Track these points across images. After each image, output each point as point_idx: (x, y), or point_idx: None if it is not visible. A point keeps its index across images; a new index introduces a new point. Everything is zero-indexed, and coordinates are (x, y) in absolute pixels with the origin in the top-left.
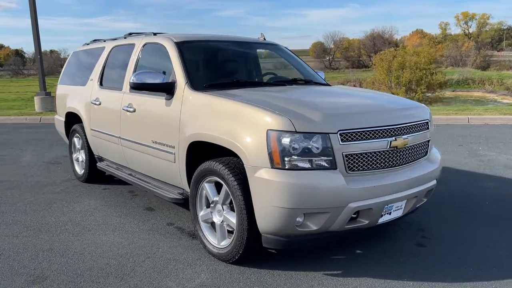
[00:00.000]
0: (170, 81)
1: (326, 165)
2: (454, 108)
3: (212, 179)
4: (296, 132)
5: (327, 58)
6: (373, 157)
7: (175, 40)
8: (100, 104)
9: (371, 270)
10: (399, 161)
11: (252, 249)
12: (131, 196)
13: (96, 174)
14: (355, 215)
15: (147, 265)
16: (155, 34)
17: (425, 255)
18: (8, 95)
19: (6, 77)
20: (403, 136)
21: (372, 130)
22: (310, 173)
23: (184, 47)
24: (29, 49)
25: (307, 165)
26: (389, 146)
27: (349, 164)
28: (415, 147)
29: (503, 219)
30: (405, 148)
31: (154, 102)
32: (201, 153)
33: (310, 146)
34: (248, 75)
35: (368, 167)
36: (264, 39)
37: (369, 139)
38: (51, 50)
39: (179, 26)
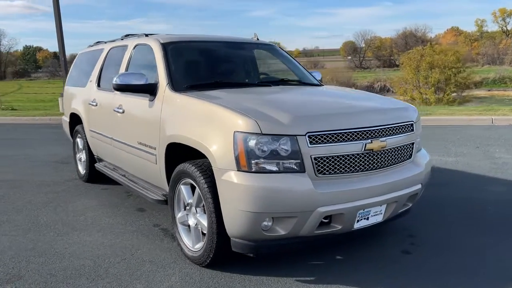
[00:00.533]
0: (153, 82)
1: (294, 168)
2: (479, 108)
3: (187, 181)
4: (262, 134)
5: (358, 57)
6: (346, 160)
7: (161, 41)
8: (96, 105)
9: (348, 277)
10: (375, 164)
11: (222, 253)
12: (126, 196)
13: (96, 174)
14: (326, 220)
15: (121, 267)
16: (147, 35)
17: (409, 262)
18: (45, 96)
19: (44, 79)
20: (381, 139)
21: (343, 132)
22: (276, 176)
23: (170, 48)
24: (66, 51)
25: (275, 168)
26: (364, 149)
27: (319, 167)
28: (395, 150)
29: (501, 226)
30: (382, 151)
31: (139, 103)
32: (180, 154)
33: (277, 149)
34: (233, 76)
35: (341, 171)
36: (257, 39)
37: (340, 141)
38: None
39: (209, 27)
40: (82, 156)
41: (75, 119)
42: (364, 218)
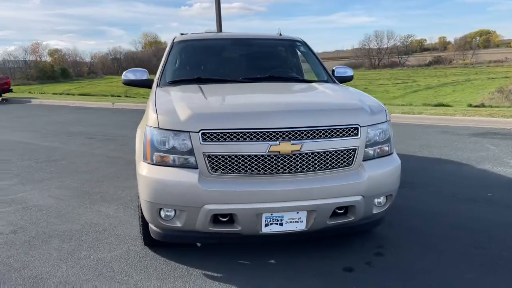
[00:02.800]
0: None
1: (188, 163)
2: None
3: None
4: (160, 128)
5: None
6: (245, 161)
7: (175, 40)
8: None
9: (258, 280)
10: (285, 168)
11: (148, 235)
12: None
13: None
14: (225, 219)
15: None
16: (182, 34)
17: (350, 279)
18: None
19: None
20: (293, 142)
21: (242, 132)
22: (169, 170)
23: (178, 46)
24: None
25: (171, 162)
26: (269, 151)
27: (212, 165)
28: (318, 155)
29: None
30: (296, 154)
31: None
32: None
33: (174, 144)
34: (222, 72)
35: (239, 171)
36: (280, 34)
37: (237, 141)
38: None
39: (416, 17)
40: None
41: None
42: (276, 224)
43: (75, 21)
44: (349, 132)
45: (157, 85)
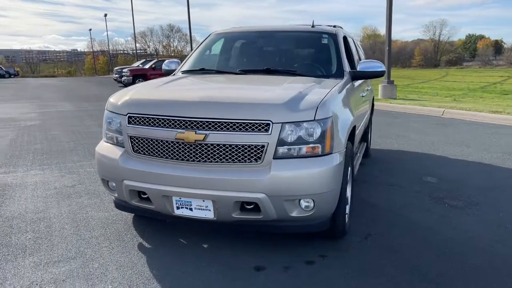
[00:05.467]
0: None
1: (120, 143)
2: None
3: None
4: (107, 110)
5: None
6: (158, 145)
7: (211, 33)
8: None
9: (170, 264)
10: (190, 156)
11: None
12: None
13: None
14: (145, 195)
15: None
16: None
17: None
18: (459, 84)
19: (475, 67)
20: (198, 131)
21: (156, 118)
22: (108, 147)
23: (209, 39)
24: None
25: (113, 141)
26: (175, 138)
27: (134, 146)
28: (224, 147)
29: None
30: (202, 144)
31: None
32: None
33: (113, 125)
34: (232, 65)
35: (154, 154)
36: (313, 26)
37: (151, 126)
38: None
39: None
40: None
41: None
42: (186, 208)
43: (303, 16)
44: (259, 128)
45: (173, 74)
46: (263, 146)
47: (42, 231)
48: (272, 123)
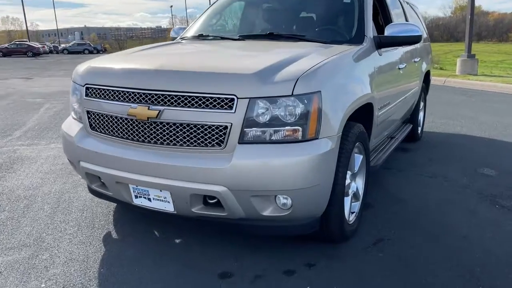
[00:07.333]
0: None
1: (78, 118)
2: None
3: None
4: (72, 81)
5: None
6: (112, 122)
7: None
8: None
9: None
10: (144, 136)
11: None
12: None
13: None
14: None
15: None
16: None
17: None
18: None
19: None
20: (152, 107)
21: (110, 90)
22: (70, 123)
23: (218, 3)
24: None
25: (77, 116)
26: (127, 114)
27: (91, 122)
28: (181, 127)
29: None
30: (156, 122)
31: None
32: None
33: (74, 97)
34: (235, 29)
35: (109, 132)
36: None
37: (106, 99)
38: None
39: None
40: None
41: None
42: (144, 197)
43: None
44: (221, 104)
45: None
46: (226, 127)
47: (18, 211)
48: (237, 98)
